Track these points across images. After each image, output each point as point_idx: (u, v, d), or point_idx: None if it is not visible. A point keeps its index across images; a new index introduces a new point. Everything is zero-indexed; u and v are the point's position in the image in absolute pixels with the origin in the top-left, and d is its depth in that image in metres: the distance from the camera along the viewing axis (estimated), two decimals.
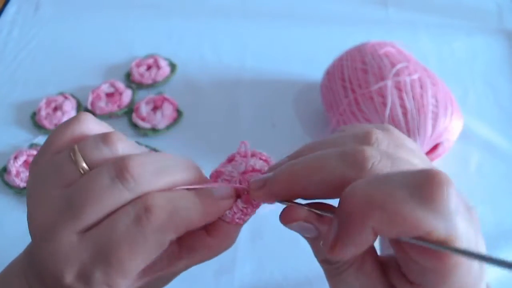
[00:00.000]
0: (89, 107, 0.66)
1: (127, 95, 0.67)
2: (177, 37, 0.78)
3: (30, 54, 0.75)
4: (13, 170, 0.57)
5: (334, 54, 0.62)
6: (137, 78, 0.69)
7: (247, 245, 0.52)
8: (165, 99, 0.65)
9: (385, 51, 0.58)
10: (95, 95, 0.66)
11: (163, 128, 0.63)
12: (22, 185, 0.57)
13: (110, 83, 0.68)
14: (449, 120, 0.53)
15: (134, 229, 0.24)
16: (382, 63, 0.56)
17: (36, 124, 0.64)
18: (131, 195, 0.25)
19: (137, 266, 0.25)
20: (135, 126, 0.64)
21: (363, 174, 0.23)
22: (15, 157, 0.58)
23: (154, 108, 0.65)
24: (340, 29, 0.77)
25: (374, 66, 0.56)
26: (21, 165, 0.58)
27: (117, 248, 0.24)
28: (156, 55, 0.72)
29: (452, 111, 0.53)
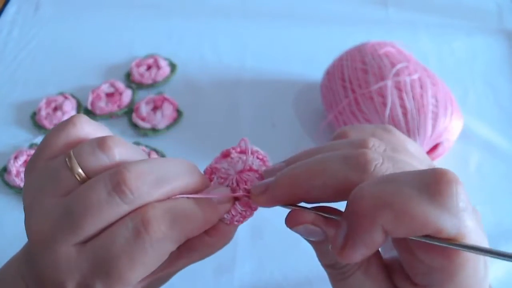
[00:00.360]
0: (89, 107, 0.66)
1: (127, 95, 0.67)
2: (177, 37, 0.78)
3: (30, 54, 0.75)
4: (13, 170, 0.57)
5: (334, 54, 0.62)
6: (137, 78, 0.69)
7: (247, 245, 0.52)
8: (165, 99, 0.65)
9: (385, 51, 0.58)
10: (95, 95, 0.66)
11: (163, 128, 0.63)
12: (22, 185, 0.57)
13: (110, 83, 0.68)
14: (449, 120, 0.53)
15: (133, 242, 0.24)
16: (382, 63, 0.56)
17: (36, 124, 0.64)
18: (130, 208, 0.25)
19: (138, 277, 0.25)
20: (135, 126, 0.64)
21: (366, 177, 0.23)
22: (15, 157, 0.58)
23: (154, 108, 0.65)
24: (340, 29, 0.77)
25: (374, 66, 0.56)
26: (21, 165, 0.58)
27: (117, 261, 0.24)
28: (156, 55, 0.72)
29: (452, 111, 0.54)
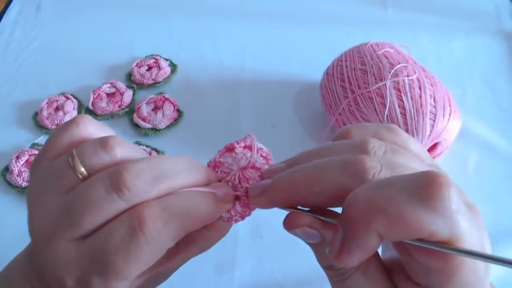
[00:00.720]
0: (90, 107, 0.66)
1: (128, 95, 0.67)
2: (178, 38, 0.78)
3: (32, 55, 0.76)
4: (15, 170, 0.57)
5: (334, 54, 0.62)
6: (138, 79, 0.70)
7: (247, 244, 0.52)
8: (166, 99, 0.66)
9: (384, 52, 0.58)
10: (96, 95, 0.67)
11: (164, 128, 0.64)
12: (24, 185, 0.57)
13: (111, 84, 0.68)
14: (448, 120, 0.53)
15: (128, 240, 0.25)
16: (381, 64, 0.56)
17: (38, 124, 0.65)
18: (127, 205, 0.25)
19: (135, 272, 0.25)
20: (136, 126, 0.64)
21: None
22: (17, 157, 0.59)
23: (155, 108, 0.65)
24: (340, 29, 0.78)
25: (373, 67, 0.56)
26: (23, 165, 0.58)
27: (113, 257, 0.25)
28: (157, 56, 0.73)
29: (451, 111, 0.54)
